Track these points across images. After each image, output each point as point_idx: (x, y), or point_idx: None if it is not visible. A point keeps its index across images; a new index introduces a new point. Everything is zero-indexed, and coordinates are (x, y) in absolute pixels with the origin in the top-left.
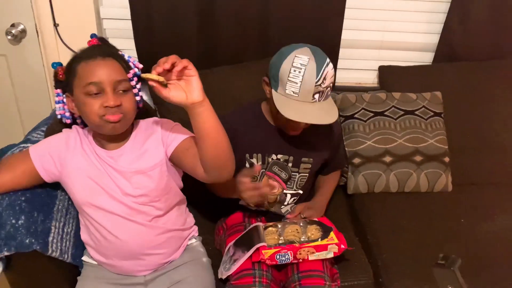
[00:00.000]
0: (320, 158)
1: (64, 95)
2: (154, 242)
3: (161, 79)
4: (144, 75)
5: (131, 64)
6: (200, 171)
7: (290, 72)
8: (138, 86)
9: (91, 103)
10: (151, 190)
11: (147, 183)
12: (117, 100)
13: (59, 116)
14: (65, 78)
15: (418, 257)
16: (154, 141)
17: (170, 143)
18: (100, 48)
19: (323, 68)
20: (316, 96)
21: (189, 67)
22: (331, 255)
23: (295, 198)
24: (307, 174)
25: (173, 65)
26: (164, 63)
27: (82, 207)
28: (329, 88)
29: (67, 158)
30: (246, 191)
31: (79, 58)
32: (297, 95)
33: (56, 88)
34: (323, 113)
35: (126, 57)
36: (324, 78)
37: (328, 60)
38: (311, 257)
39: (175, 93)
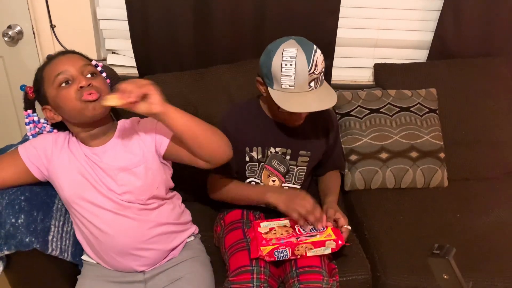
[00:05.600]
0: (318, 151)
1: (34, 114)
2: (145, 236)
3: (120, 102)
4: (104, 103)
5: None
6: (200, 161)
7: (282, 67)
8: (105, 74)
9: (66, 92)
10: (136, 188)
11: (132, 180)
12: (88, 80)
13: (31, 137)
14: (36, 93)
15: (414, 251)
16: (140, 139)
17: (162, 140)
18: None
19: (312, 56)
20: (312, 84)
21: (150, 92)
22: (328, 251)
23: None
24: (305, 168)
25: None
26: (129, 96)
27: (71, 204)
28: (322, 73)
29: (54, 155)
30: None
31: (42, 67)
32: (293, 87)
33: (26, 110)
34: (323, 98)
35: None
36: (316, 65)
37: (315, 47)
38: (309, 253)
39: (139, 106)
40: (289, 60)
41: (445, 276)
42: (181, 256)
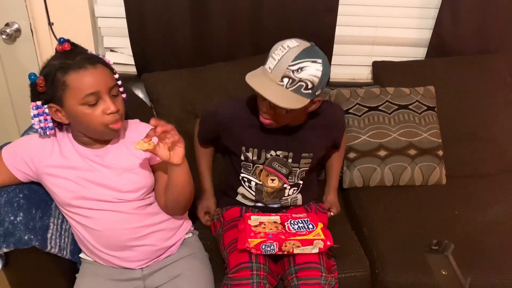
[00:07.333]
0: (320, 151)
1: (45, 106)
2: (141, 232)
3: (152, 146)
4: (137, 147)
5: None
6: (161, 199)
7: (276, 49)
8: (121, 88)
9: (92, 114)
10: (139, 188)
11: (136, 179)
12: (115, 105)
13: (39, 130)
14: (49, 90)
15: (413, 248)
16: None
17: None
18: (82, 54)
19: (305, 60)
20: (285, 80)
21: (179, 143)
22: (316, 250)
23: (295, 188)
24: (308, 168)
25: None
26: (160, 130)
27: (65, 206)
28: (302, 83)
29: (42, 160)
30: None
31: (64, 68)
32: (270, 71)
33: (34, 101)
34: (279, 96)
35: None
36: (301, 69)
37: (319, 61)
38: (295, 251)
39: (162, 152)
40: (285, 48)
41: (444, 272)
42: (179, 253)
